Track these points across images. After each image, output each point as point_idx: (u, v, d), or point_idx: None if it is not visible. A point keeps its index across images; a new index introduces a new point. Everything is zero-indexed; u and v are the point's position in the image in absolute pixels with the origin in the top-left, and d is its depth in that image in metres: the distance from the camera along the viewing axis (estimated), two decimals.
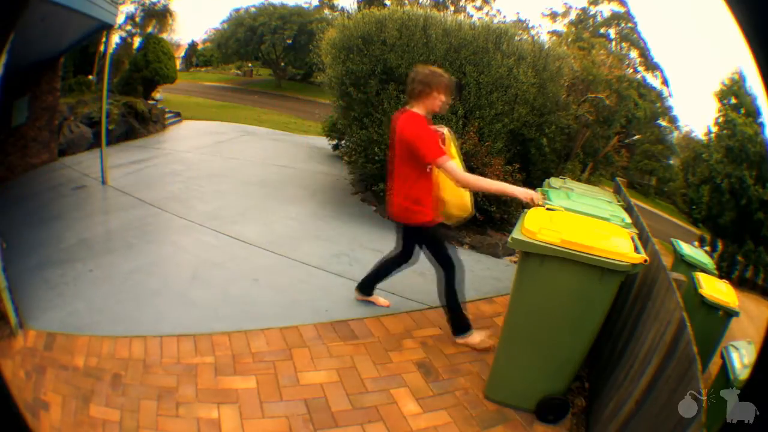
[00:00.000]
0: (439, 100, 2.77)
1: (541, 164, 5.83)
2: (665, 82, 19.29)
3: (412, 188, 2.79)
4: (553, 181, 3.83)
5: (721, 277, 3.84)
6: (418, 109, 2.77)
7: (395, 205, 2.90)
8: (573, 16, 21.47)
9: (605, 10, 21.05)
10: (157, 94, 12.31)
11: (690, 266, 4.14)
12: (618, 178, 4.83)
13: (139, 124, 9.36)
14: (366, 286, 3.40)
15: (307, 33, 19.75)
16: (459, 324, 3.01)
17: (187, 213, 5.07)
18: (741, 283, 10.86)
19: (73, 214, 5.22)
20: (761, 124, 12.97)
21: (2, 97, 5.42)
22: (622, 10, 20.86)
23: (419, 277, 3.95)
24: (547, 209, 2.93)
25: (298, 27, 22.02)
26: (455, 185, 2.82)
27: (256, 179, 6.69)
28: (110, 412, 2.34)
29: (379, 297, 3.44)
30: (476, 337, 3.01)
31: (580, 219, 2.59)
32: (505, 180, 4.72)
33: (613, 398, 2.23)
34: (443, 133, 2.88)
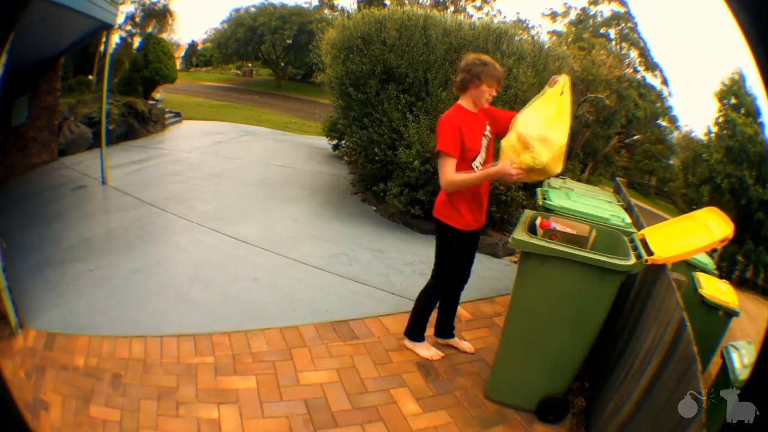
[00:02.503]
0: (489, 94, 2.46)
1: None
2: (665, 82, 19.34)
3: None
4: (553, 181, 3.82)
5: (721, 277, 3.82)
6: (464, 102, 2.51)
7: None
8: (573, 16, 21.54)
9: (605, 10, 21.11)
10: (157, 94, 12.33)
11: (690, 266, 4.12)
12: (618, 178, 4.82)
13: (139, 124, 9.37)
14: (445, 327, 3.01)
15: (307, 33, 19.80)
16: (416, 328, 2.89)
17: (187, 213, 5.06)
18: (741, 283, 10.86)
19: (74, 214, 5.22)
20: (761, 124, 12.99)
21: (2, 97, 5.42)
22: (622, 10, 20.91)
23: (419, 276, 3.95)
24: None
25: (298, 27, 22.08)
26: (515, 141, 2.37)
27: (256, 179, 6.69)
28: (110, 412, 2.34)
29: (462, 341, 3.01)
30: (424, 350, 2.88)
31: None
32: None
33: (613, 398, 2.23)
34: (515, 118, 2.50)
